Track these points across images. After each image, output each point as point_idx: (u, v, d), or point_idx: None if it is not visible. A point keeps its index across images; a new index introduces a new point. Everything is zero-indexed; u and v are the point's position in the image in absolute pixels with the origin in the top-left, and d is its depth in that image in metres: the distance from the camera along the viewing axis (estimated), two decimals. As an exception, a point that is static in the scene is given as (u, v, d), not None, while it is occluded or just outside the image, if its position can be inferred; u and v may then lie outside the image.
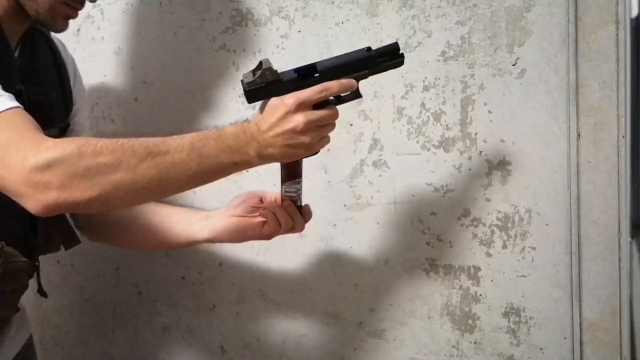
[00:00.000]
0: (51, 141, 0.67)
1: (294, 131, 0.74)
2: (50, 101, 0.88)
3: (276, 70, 0.77)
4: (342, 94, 0.80)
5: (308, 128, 0.75)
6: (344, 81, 0.78)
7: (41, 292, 0.95)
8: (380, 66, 0.81)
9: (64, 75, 0.94)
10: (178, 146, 0.71)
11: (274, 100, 0.76)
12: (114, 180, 0.67)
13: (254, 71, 0.78)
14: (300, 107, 0.74)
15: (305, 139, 0.75)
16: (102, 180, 0.66)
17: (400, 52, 0.81)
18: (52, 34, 0.92)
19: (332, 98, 0.79)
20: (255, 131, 0.75)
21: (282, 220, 0.89)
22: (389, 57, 0.81)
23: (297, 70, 0.78)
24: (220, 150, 0.73)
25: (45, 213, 0.67)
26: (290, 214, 0.89)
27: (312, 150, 0.78)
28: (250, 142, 0.75)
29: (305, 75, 0.78)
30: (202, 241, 0.96)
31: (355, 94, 0.81)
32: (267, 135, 0.75)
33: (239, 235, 0.94)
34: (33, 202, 0.66)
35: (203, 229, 0.94)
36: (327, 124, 0.78)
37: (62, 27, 0.85)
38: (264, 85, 0.77)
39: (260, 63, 0.78)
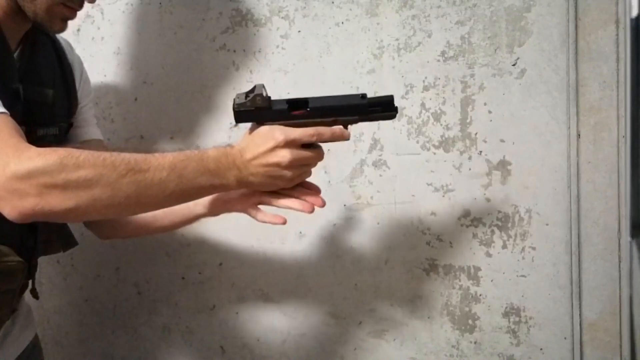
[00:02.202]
0: (34, 150, 0.67)
1: (277, 165, 0.75)
2: (50, 100, 0.88)
3: (268, 97, 0.78)
4: None
5: (292, 165, 0.76)
6: (337, 131, 0.78)
7: (33, 293, 0.94)
8: (371, 115, 0.79)
9: (68, 75, 0.94)
10: (159, 165, 0.71)
11: (264, 131, 0.77)
12: (93, 194, 0.67)
13: (247, 93, 0.78)
14: (289, 144, 0.75)
15: (287, 173, 0.76)
16: (80, 193, 0.66)
17: (395, 105, 0.79)
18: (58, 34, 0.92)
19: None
20: (237, 158, 0.76)
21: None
22: (382, 108, 0.79)
23: (288, 101, 0.78)
24: (200, 172, 0.73)
25: (22, 219, 0.67)
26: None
27: (291, 183, 0.79)
28: (231, 167, 0.75)
29: (296, 108, 0.78)
30: (199, 216, 0.96)
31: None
32: (249, 164, 0.76)
33: (228, 204, 0.92)
34: (10, 208, 0.66)
35: (197, 205, 0.94)
36: (310, 164, 0.79)
37: (60, 29, 0.84)
38: (253, 110, 0.78)
39: (254, 87, 0.78)
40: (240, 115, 0.79)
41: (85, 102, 1.01)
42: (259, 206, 0.90)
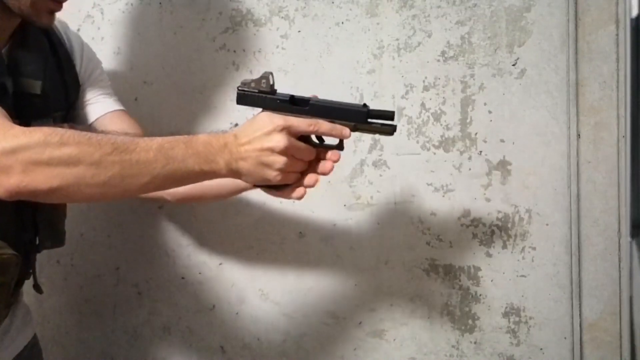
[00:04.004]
0: (19, 129, 0.68)
1: (271, 150, 0.74)
2: (39, 92, 0.87)
3: (273, 86, 0.78)
4: (326, 141, 0.80)
5: (285, 152, 0.74)
6: (338, 127, 0.77)
7: (36, 287, 0.94)
8: (368, 126, 0.78)
9: (64, 63, 0.94)
10: (146, 146, 0.71)
11: (263, 117, 0.76)
12: (77, 172, 0.68)
13: (254, 79, 0.79)
14: (286, 130, 0.74)
15: (278, 160, 0.74)
16: (64, 171, 0.67)
17: (394, 122, 0.78)
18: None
19: (316, 141, 0.79)
20: (230, 141, 0.75)
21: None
22: (380, 122, 0.78)
23: (291, 95, 0.78)
24: (189, 154, 0.72)
25: (9, 196, 0.68)
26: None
27: (279, 176, 0.76)
28: (221, 151, 0.74)
29: (297, 103, 0.78)
30: (246, 189, 0.95)
31: (339, 145, 0.80)
32: (242, 148, 0.74)
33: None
34: None
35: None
36: (301, 160, 0.77)
37: (48, 22, 0.84)
38: (256, 93, 0.78)
39: (263, 74, 0.79)
40: (242, 96, 0.79)
41: (91, 79, 1.00)
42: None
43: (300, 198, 0.81)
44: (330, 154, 0.80)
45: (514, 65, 1.00)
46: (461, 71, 1.03)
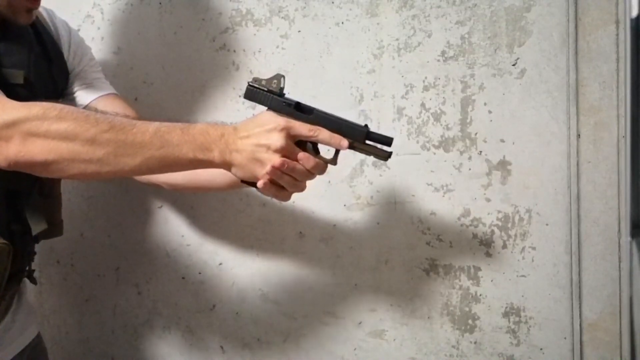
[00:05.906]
0: (17, 102, 0.70)
1: (267, 147, 0.75)
2: (22, 81, 0.87)
3: (283, 88, 0.80)
4: (320, 153, 0.81)
5: (280, 151, 0.75)
6: (336, 136, 0.78)
7: (30, 278, 0.94)
8: (365, 145, 0.80)
9: (51, 52, 0.94)
10: (143, 128, 0.72)
11: (268, 115, 0.77)
12: (72, 147, 0.69)
13: (266, 78, 0.80)
14: (287, 130, 0.75)
15: (271, 158, 0.75)
16: (60, 145, 0.69)
17: (390, 149, 0.80)
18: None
19: (312, 149, 0.79)
20: (229, 132, 0.76)
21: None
22: (377, 145, 0.80)
23: (297, 101, 0.80)
24: (184, 140, 0.73)
25: (8, 166, 0.71)
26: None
27: (266, 174, 0.76)
28: (217, 140, 0.75)
29: (301, 110, 0.80)
30: (236, 185, 0.93)
31: (333, 159, 0.82)
32: (239, 140, 0.75)
33: None
34: None
35: None
36: (293, 167, 0.76)
37: (26, 20, 0.85)
38: (265, 91, 0.80)
39: (275, 75, 0.81)
40: (251, 91, 0.80)
41: (81, 65, 1.00)
42: None
43: (285, 200, 0.81)
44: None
45: (514, 65, 1.00)
46: (461, 71, 1.03)
